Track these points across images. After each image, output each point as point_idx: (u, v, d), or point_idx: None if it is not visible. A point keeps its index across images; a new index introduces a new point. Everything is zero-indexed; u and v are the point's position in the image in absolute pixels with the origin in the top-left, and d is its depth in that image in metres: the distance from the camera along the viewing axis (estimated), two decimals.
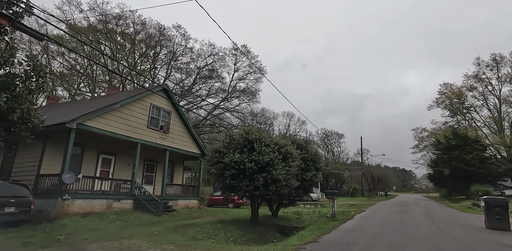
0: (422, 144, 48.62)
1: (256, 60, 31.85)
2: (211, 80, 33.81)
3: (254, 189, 9.64)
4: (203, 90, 34.41)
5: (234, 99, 35.98)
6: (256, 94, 33.80)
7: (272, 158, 9.92)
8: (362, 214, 16.00)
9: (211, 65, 33.04)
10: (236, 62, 31.19)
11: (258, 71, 31.71)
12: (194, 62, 32.29)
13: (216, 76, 33.40)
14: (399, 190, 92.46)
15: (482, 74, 43.69)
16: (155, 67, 33.24)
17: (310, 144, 14.07)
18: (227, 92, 32.49)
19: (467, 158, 32.34)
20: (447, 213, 16.33)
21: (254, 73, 32.04)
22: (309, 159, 13.18)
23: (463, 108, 46.88)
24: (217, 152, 10.62)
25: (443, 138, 37.14)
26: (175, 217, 14.15)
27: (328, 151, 50.88)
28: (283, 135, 31.18)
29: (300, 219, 15.13)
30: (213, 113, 34.32)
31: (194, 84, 32.88)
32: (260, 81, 33.00)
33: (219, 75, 33.42)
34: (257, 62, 31.74)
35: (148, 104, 15.86)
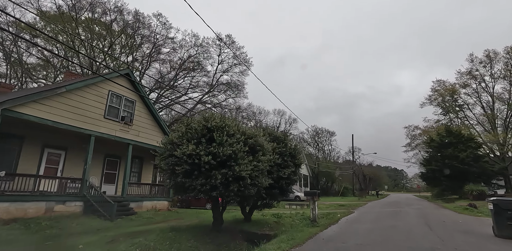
0: (415, 142, 47.27)
1: (242, 52, 29.91)
2: (194, 73, 31.71)
3: (210, 188, 7.64)
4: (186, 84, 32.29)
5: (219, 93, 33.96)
6: (241, 87, 31.85)
7: (235, 150, 7.93)
8: (349, 216, 14.12)
9: (194, 57, 30.92)
10: (220, 53, 29.16)
11: (243, 63, 29.72)
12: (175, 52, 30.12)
13: (199, 69, 31.30)
14: (390, 190, 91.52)
15: (475, 71, 42.43)
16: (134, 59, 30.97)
17: (290, 137, 12.06)
18: (211, 85, 30.42)
19: (461, 156, 30.90)
20: (443, 215, 14.59)
21: (240, 65, 30.06)
22: (287, 154, 11.27)
23: (455, 106, 45.68)
24: (171, 143, 8.60)
25: (436, 135, 35.71)
26: (133, 221, 12.06)
27: (318, 149, 49.28)
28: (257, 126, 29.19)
29: (279, 223, 13.16)
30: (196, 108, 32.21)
31: (176, 76, 30.69)
32: (246, 74, 31.06)
33: (202, 68, 31.33)
34: (243, 53, 29.82)
35: (105, 91, 13.70)
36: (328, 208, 22.02)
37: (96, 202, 11.88)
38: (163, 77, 30.71)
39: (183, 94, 29.11)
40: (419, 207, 20.91)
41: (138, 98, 15.40)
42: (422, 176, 35.86)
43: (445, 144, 33.02)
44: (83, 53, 24.93)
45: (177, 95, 30.96)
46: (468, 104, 42.35)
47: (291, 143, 11.90)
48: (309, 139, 49.73)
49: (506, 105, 40.28)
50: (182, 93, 29.58)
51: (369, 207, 20.96)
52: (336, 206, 23.56)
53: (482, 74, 42.39)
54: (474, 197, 28.77)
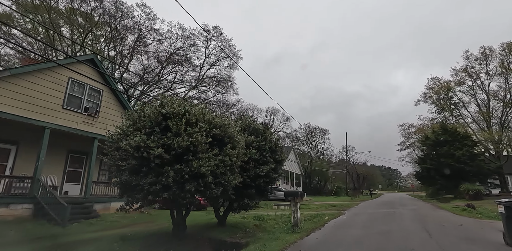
0: (409, 140, 46.21)
1: (230, 45, 28.33)
2: (181, 67, 30.06)
3: (162, 188, 6.12)
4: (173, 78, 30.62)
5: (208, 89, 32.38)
6: (231, 83, 30.31)
7: (194, 141, 6.41)
8: (338, 219, 12.68)
9: (182, 50, 29.28)
10: (207, 46, 27.55)
11: (231, 57, 28.17)
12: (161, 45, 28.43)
13: (187, 63, 29.66)
14: (384, 189, 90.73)
15: (470, 68, 41.41)
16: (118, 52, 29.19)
17: (272, 130, 10.55)
18: (198, 79, 28.81)
19: (457, 154, 29.74)
20: (441, 218, 13.24)
21: (228, 58, 28.49)
22: (266, 149, 9.79)
23: (450, 104, 44.72)
24: (123, 134, 7.06)
25: (431, 133, 34.57)
26: (90, 226, 10.46)
27: (311, 147, 47.96)
28: (224, 114, 27.61)
29: (260, 227, 11.67)
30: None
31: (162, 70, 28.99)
32: (234, 68, 29.51)
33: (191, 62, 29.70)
34: (231, 46, 28.25)
35: (64, 78, 12.05)
36: (318, 208, 20.62)
37: (47, 204, 10.26)
38: (148, 71, 29.01)
39: (167, 89, 27.44)
40: (414, 207, 19.60)
41: (106, 88, 13.78)
42: (417, 175, 34.69)
43: (441, 142, 31.87)
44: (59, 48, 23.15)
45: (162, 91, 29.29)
46: (463, 102, 41.36)
47: (272, 136, 10.41)
48: (301, 137, 48.49)
49: (502, 103, 39.33)
50: (166, 88, 27.92)
51: (361, 208, 19.59)
52: (327, 207, 22.18)
53: (477, 71, 41.38)
54: (470, 197, 27.63)
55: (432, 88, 44.67)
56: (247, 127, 10.38)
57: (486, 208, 18.71)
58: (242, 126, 10.48)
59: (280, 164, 10.36)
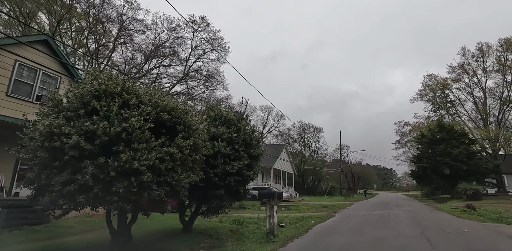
0: (404, 139, 44.99)
1: (218, 36, 26.73)
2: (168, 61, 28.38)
3: (78, 190, 4.53)
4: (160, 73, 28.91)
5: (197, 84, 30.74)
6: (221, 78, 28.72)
7: (127, 127, 4.83)
8: (325, 223, 11.16)
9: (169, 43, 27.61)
10: (194, 37, 25.91)
11: (219, 49, 26.57)
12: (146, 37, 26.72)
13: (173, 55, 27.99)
14: (379, 189, 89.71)
15: (467, 65, 40.24)
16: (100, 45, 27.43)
17: (248, 121, 8.99)
18: (184, 73, 27.15)
19: (454, 152, 28.48)
20: (441, 221, 11.80)
21: (216, 51, 26.88)
22: (239, 142, 8.23)
23: (446, 101, 43.57)
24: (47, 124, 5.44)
25: (427, 131, 33.32)
26: (34, 234, 8.78)
27: (304, 146, 46.50)
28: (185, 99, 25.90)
29: (236, 232, 10.09)
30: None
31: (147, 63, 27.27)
32: (222, 62, 27.90)
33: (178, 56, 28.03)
34: (219, 38, 26.66)
35: (10, 61, 10.36)
36: (308, 210, 19.13)
37: None
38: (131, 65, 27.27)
39: (151, 82, 25.74)
40: (410, 208, 18.19)
41: (65, 76, 12.09)
42: (412, 174, 33.39)
43: (437, 140, 30.61)
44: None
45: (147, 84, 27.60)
46: (460, 99, 40.18)
47: (247, 127, 8.83)
48: (295, 135, 47.04)
49: (499, 101, 38.21)
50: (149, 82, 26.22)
51: (354, 209, 18.12)
52: (318, 208, 20.71)
53: (474, 68, 40.23)
54: (468, 197, 26.33)
55: (428, 86, 43.47)
56: (218, 117, 8.81)
57: (487, 209, 17.35)
58: (211, 115, 8.92)
59: (256, 160, 8.78)
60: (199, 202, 8.63)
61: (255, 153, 8.50)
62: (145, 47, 27.89)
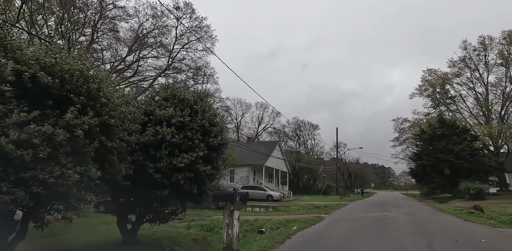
0: (403, 136, 43.09)
1: (205, 24, 24.71)
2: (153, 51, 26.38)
3: None
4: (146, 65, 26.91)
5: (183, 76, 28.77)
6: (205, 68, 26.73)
7: None
8: (309, 230, 9.24)
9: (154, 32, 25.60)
10: (178, 25, 23.91)
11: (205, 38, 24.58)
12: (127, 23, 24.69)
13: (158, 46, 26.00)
14: (377, 188, 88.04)
15: (469, 59, 38.36)
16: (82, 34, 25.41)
17: (206, 102, 6.99)
18: (168, 63, 25.14)
19: (456, 149, 26.61)
20: (448, 226, 9.93)
21: (200, 41, 24.86)
22: (194, 128, 6.31)
23: (447, 97, 41.76)
24: None
25: (427, 127, 31.46)
26: None
27: (300, 143, 44.54)
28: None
29: (201, 242, 8.20)
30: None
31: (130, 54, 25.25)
32: (211, 53, 25.88)
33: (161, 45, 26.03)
34: (206, 26, 24.67)
35: None
36: (298, 211, 17.25)
37: None
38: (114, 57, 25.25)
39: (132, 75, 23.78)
40: (411, 209, 16.31)
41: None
42: (411, 173, 31.53)
43: (438, 136, 28.73)
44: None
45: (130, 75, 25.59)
46: (461, 95, 38.30)
47: (207, 109, 6.88)
48: (290, 132, 45.09)
49: (502, 96, 36.36)
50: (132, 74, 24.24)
51: (348, 210, 16.24)
52: (309, 208, 18.83)
53: (476, 62, 38.33)
54: (471, 197, 24.51)
55: (428, 81, 41.57)
56: (171, 97, 6.88)
57: (494, 210, 15.47)
58: (162, 95, 6.99)
59: (218, 152, 6.83)
60: (144, 206, 6.71)
61: (215, 143, 6.56)
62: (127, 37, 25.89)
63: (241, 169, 32.04)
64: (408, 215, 13.34)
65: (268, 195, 27.19)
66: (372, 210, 15.85)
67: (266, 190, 27.41)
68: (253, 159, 31.84)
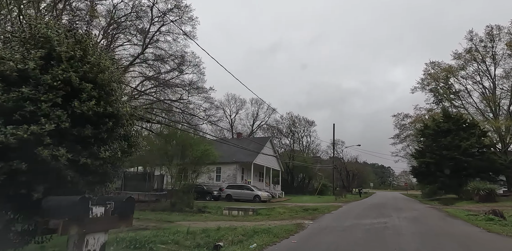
0: (404, 133, 40.25)
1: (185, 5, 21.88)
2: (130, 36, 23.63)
3: None
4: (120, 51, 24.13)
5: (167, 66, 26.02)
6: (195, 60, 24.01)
7: None
8: (276, 248, 6.47)
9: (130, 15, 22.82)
10: (154, 4, 21.04)
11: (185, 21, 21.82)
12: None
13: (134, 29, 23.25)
14: (376, 187, 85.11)
15: (475, 51, 35.43)
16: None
17: (91, 44, 4.10)
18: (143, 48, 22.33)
19: (463, 145, 23.74)
20: (469, 240, 7.14)
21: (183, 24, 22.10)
22: (49, 84, 3.56)
23: (450, 93, 38.91)
24: None
25: (431, 121, 28.61)
26: None
27: (294, 140, 41.64)
28: None
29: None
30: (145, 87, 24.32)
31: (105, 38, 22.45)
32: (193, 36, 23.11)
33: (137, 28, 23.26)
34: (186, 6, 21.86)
35: None
36: (281, 215, 14.46)
37: None
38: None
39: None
40: (415, 214, 13.49)
41: None
42: (413, 171, 28.65)
43: (443, 131, 25.87)
44: None
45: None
46: (467, 89, 35.40)
47: (83, 56, 4.06)
48: (284, 129, 42.24)
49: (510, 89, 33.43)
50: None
51: (339, 215, 13.44)
52: (297, 211, 16.06)
53: (483, 54, 35.37)
54: (481, 198, 21.65)
55: (431, 74, 38.74)
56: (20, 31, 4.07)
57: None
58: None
59: (99, 127, 4.05)
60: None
61: (89, 110, 3.73)
62: (101, 21, 23.09)
63: (228, 166, 29.27)
64: (412, 222, 10.54)
65: (255, 196, 24.42)
66: (369, 215, 13.03)
67: (253, 190, 24.65)
68: (241, 156, 29.07)
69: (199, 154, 17.27)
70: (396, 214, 13.38)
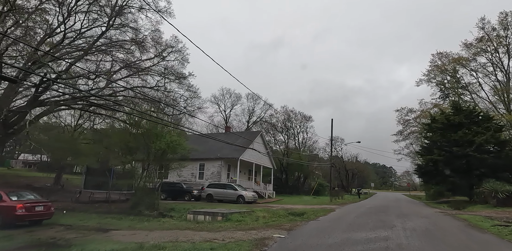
0: (408, 129, 36.92)
1: None
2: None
3: None
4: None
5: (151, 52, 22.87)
6: (158, 32, 20.78)
7: None
8: None
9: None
10: None
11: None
12: None
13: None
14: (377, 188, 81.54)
15: (486, 41, 31.94)
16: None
17: None
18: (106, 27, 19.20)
19: (478, 140, 20.43)
20: None
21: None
22: None
23: (458, 87, 35.53)
24: None
25: (439, 115, 25.32)
26: None
27: (289, 135, 38.38)
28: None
29: None
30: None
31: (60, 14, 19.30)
32: (169, 14, 20.00)
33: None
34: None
35: None
36: (253, 223, 11.35)
37: None
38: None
39: (61, 41, 17.85)
40: (426, 225, 10.31)
41: None
42: (419, 170, 25.32)
43: (453, 125, 22.56)
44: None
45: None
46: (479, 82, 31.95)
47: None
48: (278, 124, 39.01)
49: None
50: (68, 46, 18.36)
51: (326, 225, 10.29)
52: (278, 217, 12.97)
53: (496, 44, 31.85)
54: (499, 202, 18.35)
55: (437, 66, 35.32)
56: None
57: None
58: None
59: None
60: None
61: None
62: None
63: (212, 163, 26.22)
64: (425, 237, 7.39)
65: (239, 196, 21.33)
66: (365, 224, 9.89)
67: (237, 190, 21.56)
68: (227, 151, 26.00)
69: (164, 146, 14.22)
70: (401, 223, 10.22)
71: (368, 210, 15.67)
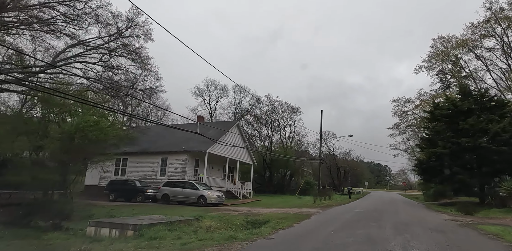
0: (405, 122, 32.97)
1: None
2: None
3: None
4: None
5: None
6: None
7: None
8: None
9: None
10: None
11: None
12: None
13: None
14: (372, 187, 77.68)
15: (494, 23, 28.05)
16: None
17: None
18: None
19: (493, 129, 16.49)
20: None
21: None
22: None
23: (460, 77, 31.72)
24: None
25: (444, 101, 21.33)
26: None
27: (273, 128, 34.11)
28: None
29: None
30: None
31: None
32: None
33: None
34: None
35: None
36: (175, 241, 7.21)
37: None
38: None
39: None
40: (437, 239, 6.22)
41: None
42: (419, 166, 21.23)
43: (461, 111, 18.54)
44: None
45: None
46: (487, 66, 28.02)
47: None
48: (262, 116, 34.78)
49: None
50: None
51: (282, 247, 6.18)
52: (229, 228, 8.85)
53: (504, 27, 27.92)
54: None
55: (438, 52, 31.32)
56: None
57: None
58: None
59: None
60: None
61: None
62: None
63: (175, 157, 21.97)
64: None
65: (199, 196, 17.13)
66: (345, 245, 5.77)
67: (198, 189, 17.37)
68: (194, 144, 21.78)
69: (72, 130, 9.99)
70: (401, 245, 6.12)
71: (355, 217, 11.55)
